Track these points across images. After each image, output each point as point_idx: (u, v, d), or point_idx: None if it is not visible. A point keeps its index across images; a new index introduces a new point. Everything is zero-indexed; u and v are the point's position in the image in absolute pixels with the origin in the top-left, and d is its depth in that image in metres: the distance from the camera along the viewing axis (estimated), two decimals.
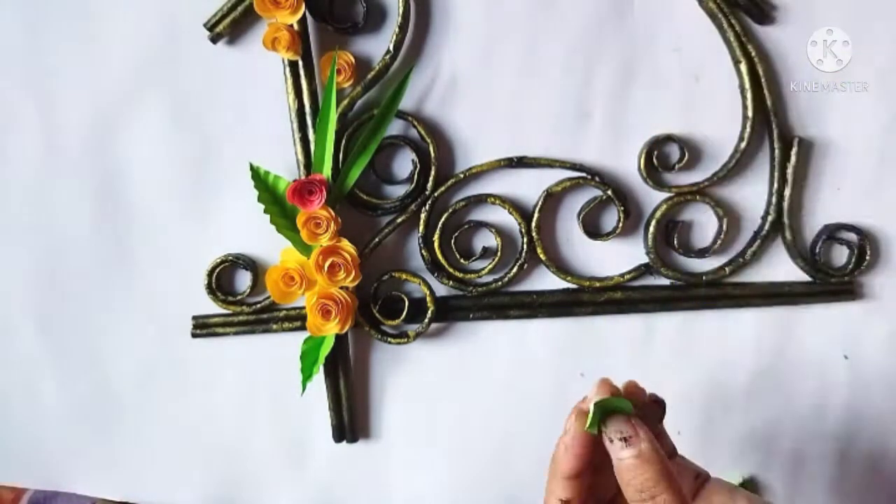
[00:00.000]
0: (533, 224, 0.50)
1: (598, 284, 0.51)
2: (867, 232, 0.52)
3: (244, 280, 0.51)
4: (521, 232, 0.50)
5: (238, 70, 0.49)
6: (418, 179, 0.49)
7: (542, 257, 0.51)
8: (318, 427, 0.53)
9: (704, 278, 0.52)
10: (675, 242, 0.51)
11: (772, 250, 0.52)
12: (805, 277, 0.52)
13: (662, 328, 0.53)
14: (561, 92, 0.50)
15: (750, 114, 0.49)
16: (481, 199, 0.50)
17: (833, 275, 0.52)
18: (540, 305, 0.52)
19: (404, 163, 0.50)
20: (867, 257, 0.51)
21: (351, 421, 0.52)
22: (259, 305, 0.51)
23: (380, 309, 0.50)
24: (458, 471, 0.54)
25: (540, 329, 0.52)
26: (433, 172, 0.49)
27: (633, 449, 0.33)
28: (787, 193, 0.50)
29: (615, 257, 0.52)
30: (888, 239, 0.52)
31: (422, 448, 0.54)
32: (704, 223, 0.52)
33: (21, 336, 0.52)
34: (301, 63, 0.48)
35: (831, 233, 0.51)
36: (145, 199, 0.51)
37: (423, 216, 0.50)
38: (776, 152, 0.50)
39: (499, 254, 0.50)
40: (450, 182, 0.50)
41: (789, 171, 0.50)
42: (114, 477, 0.54)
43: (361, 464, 0.54)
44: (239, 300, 0.51)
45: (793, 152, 0.50)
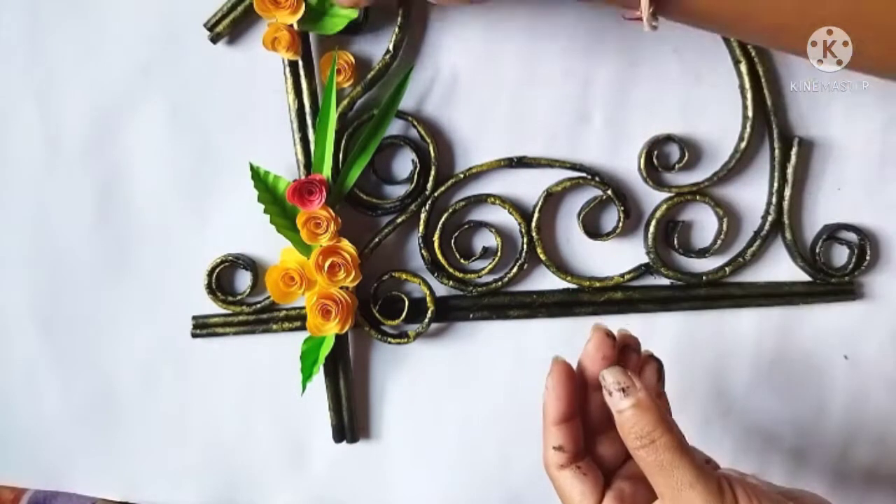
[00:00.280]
0: (533, 224, 0.50)
1: (598, 284, 0.51)
2: (867, 232, 0.52)
3: (244, 280, 0.51)
4: (521, 232, 0.50)
5: (238, 70, 0.49)
6: (418, 179, 0.49)
7: (542, 257, 0.50)
8: (318, 427, 0.53)
9: (704, 278, 0.52)
10: (676, 242, 0.51)
11: (772, 250, 0.52)
12: (805, 277, 0.52)
13: (662, 328, 0.53)
14: (561, 92, 0.50)
15: (750, 114, 0.49)
16: (481, 200, 0.50)
17: (833, 275, 0.52)
18: (540, 305, 0.52)
19: (404, 163, 0.50)
20: (867, 257, 0.51)
21: (351, 421, 0.52)
22: (259, 305, 0.51)
23: (380, 309, 0.50)
24: (459, 471, 0.54)
25: (540, 329, 0.52)
26: (433, 172, 0.49)
27: (632, 398, 0.34)
28: (788, 193, 0.50)
29: (615, 257, 0.52)
30: (888, 239, 0.52)
31: (422, 448, 0.54)
32: (704, 223, 0.52)
33: (21, 336, 0.52)
34: (301, 63, 0.48)
35: (831, 233, 0.51)
36: (145, 199, 0.51)
37: (423, 216, 0.50)
38: (776, 152, 0.50)
39: (499, 254, 0.50)
40: (450, 182, 0.50)
41: (789, 171, 0.50)
42: (114, 477, 0.54)
43: (361, 464, 0.54)
44: (239, 300, 0.51)
45: (793, 152, 0.50)
